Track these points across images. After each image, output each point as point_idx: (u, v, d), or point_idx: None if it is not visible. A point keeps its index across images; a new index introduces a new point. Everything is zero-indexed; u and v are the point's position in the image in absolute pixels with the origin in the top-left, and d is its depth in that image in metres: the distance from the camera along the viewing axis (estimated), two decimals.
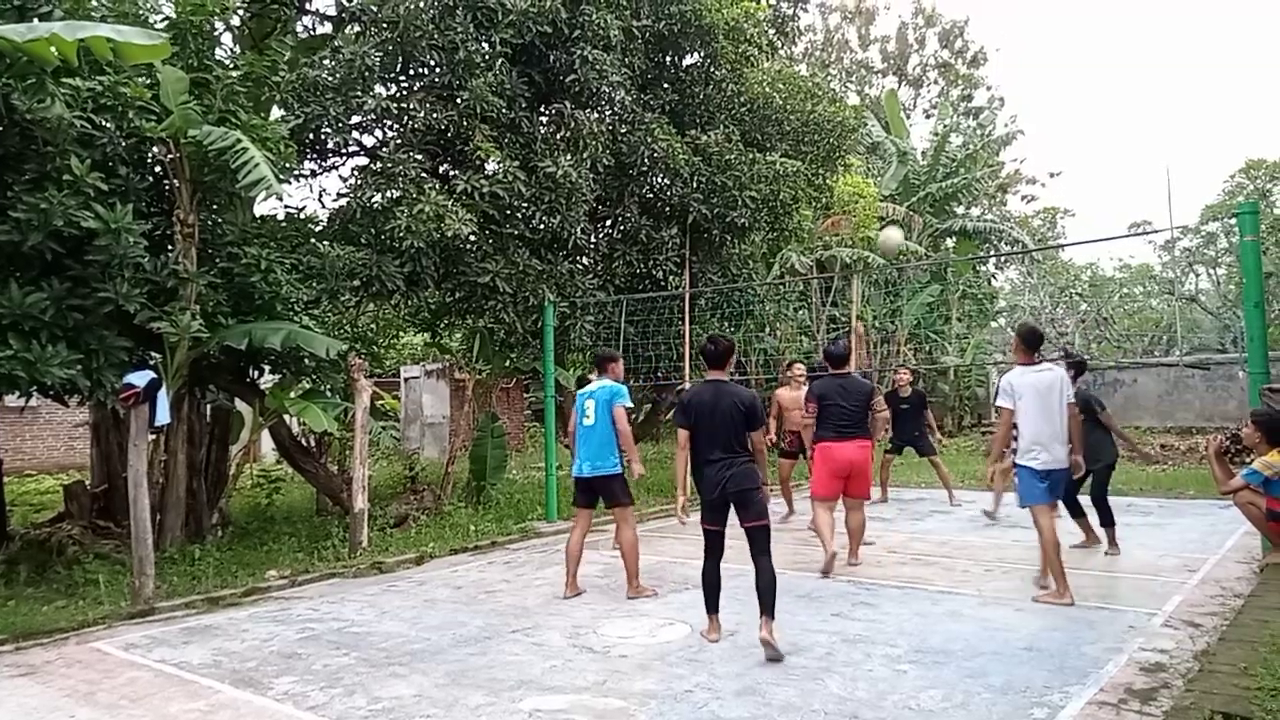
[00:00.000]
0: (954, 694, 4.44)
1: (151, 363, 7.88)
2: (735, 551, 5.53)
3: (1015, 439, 6.49)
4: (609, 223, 13.15)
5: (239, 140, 7.34)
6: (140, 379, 6.94)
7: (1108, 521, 7.93)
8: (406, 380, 20.32)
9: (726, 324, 14.95)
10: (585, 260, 12.75)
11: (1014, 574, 7.17)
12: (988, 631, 5.53)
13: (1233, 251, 23.39)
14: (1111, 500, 7.94)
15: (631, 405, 7.24)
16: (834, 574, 7.26)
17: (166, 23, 8.29)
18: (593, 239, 12.61)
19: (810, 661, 5.02)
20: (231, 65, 8.85)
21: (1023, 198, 34.18)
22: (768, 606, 5.12)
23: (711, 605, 5.50)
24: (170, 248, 7.87)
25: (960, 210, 25.06)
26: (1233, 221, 8.66)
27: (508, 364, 12.19)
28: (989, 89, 34.59)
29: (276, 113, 9.79)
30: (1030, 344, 6.52)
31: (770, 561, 5.25)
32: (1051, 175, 61.60)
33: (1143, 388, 18.54)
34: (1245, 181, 27.53)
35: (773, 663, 4.97)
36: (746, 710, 4.29)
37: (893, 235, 7.08)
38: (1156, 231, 24.64)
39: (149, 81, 7.71)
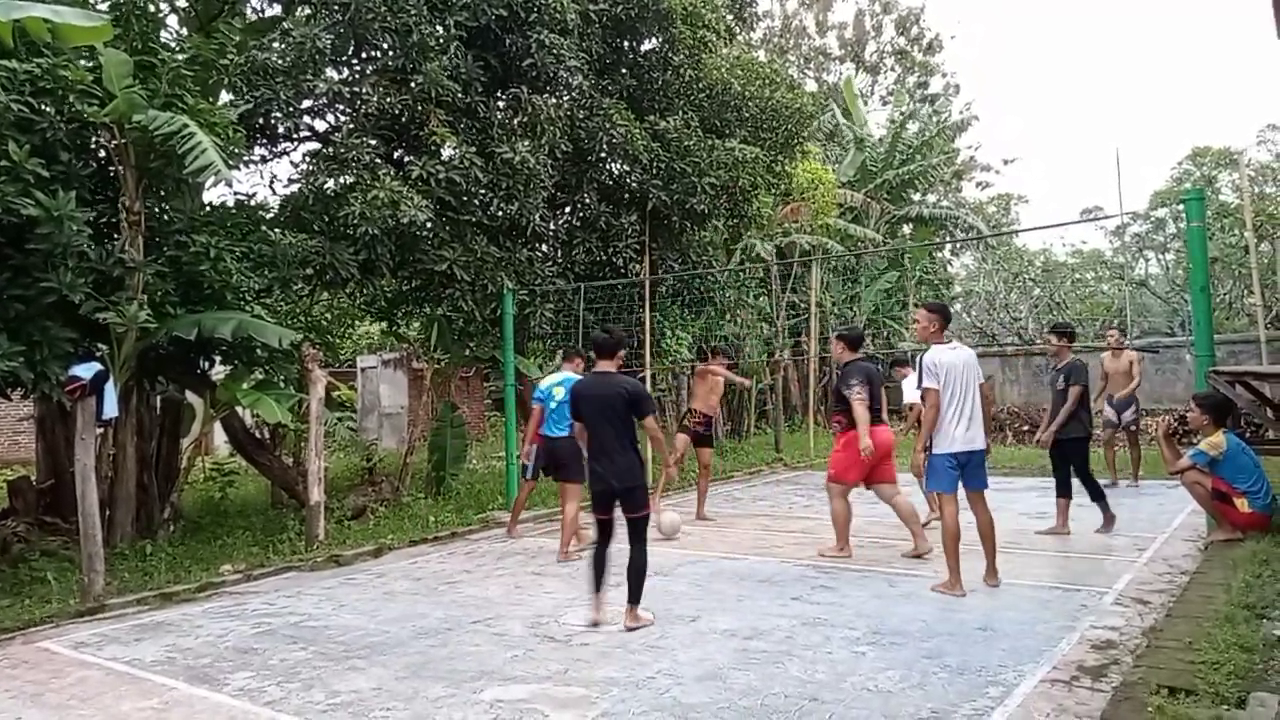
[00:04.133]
0: (911, 674, 4.50)
1: (98, 354, 7.65)
2: (695, 539, 5.57)
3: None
4: (568, 209, 13.07)
5: (186, 125, 7.14)
6: (86, 371, 6.75)
7: (1064, 494, 8.09)
8: (363, 370, 20.05)
9: (687, 311, 14.97)
10: (544, 247, 12.66)
11: (969, 556, 7.26)
12: (944, 613, 5.61)
13: (1180, 237, 23.93)
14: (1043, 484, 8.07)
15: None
16: (794, 559, 7.34)
17: (108, 4, 8.03)
18: (552, 226, 12.51)
19: (770, 645, 5.06)
20: (178, 48, 8.60)
21: (978, 184, 34.64)
22: (634, 594, 5.45)
23: (596, 584, 5.62)
24: (116, 236, 7.66)
25: (917, 197, 25.32)
26: (1180, 208, 8.84)
27: (467, 353, 12.08)
28: (944, 76, 34.97)
29: (225, 97, 9.54)
30: (947, 321, 6.49)
31: (644, 550, 5.50)
32: (1006, 162, 62.30)
33: (1094, 371, 18.86)
34: (1192, 169, 28.16)
35: (630, 632, 5.37)
36: (708, 695, 4.31)
37: (673, 519, 7.31)
38: (1107, 217, 25.13)
39: (91, 64, 7.47)
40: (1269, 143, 27.04)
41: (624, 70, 12.66)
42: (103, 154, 8.01)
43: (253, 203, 9.70)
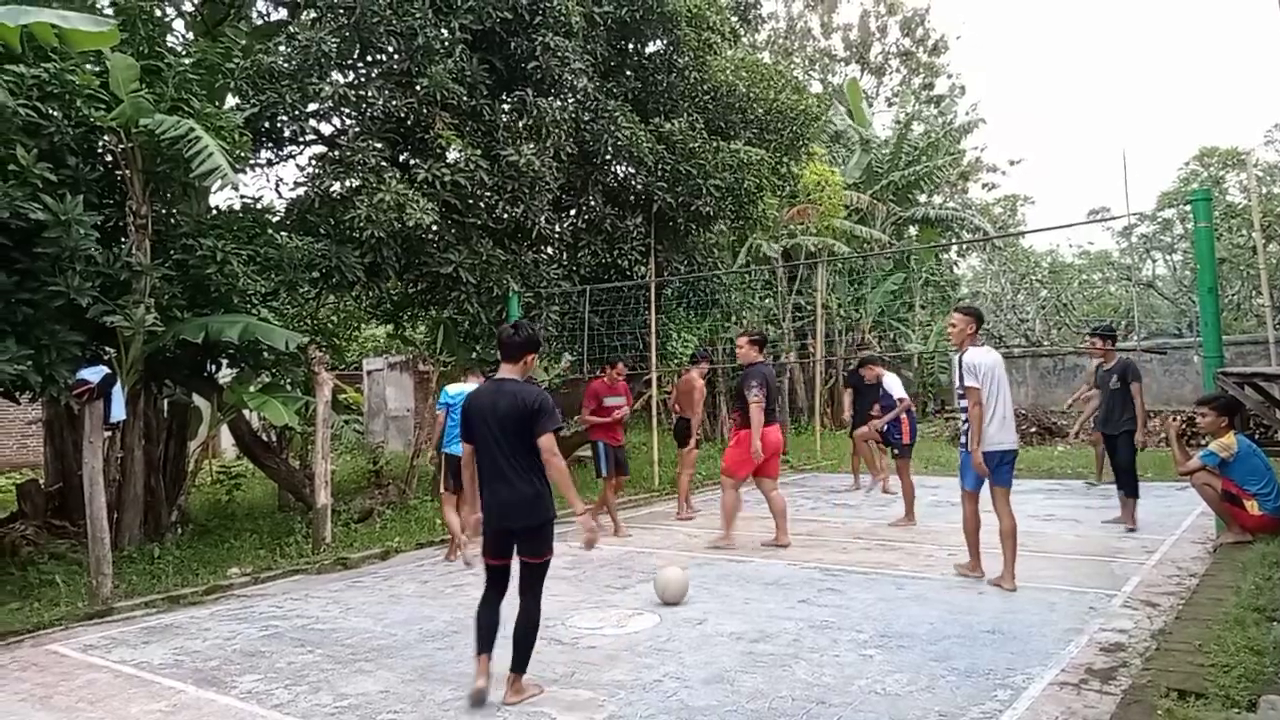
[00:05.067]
0: (919, 677, 4.48)
1: (106, 358, 7.69)
2: (700, 542, 5.54)
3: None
4: (573, 212, 13.08)
5: (192, 129, 7.16)
6: (94, 374, 6.78)
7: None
8: (369, 373, 20.08)
9: (693, 313, 14.95)
10: (549, 250, 12.67)
11: (985, 557, 7.25)
12: (952, 615, 5.59)
13: (1188, 238, 23.85)
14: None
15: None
16: (800, 561, 7.33)
17: (114, 8, 8.06)
18: (557, 228, 12.52)
19: (778, 648, 5.05)
20: (184, 52, 8.65)
21: (984, 185, 34.60)
22: (521, 659, 4.37)
23: (482, 644, 4.41)
24: (123, 240, 7.68)
25: (922, 198, 25.27)
26: (1188, 208, 8.82)
27: (473, 355, 12.08)
28: (950, 77, 34.89)
29: (231, 101, 9.59)
30: (981, 323, 6.64)
31: (536, 605, 4.39)
32: (1012, 163, 61.96)
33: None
34: (1199, 169, 28.03)
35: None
36: (715, 698, 4.30)
37: (676, 579, 7.32)
38: (1115, 218, 25.08)
39: (98, 69, 7.50)
40: (1277, 143, 26.89)
41: (629, 72, 12.67)
42: (110, 158, 8.04)
43: (259, 206, 9.71)
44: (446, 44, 10.17)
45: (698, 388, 10.12)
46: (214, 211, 9.20)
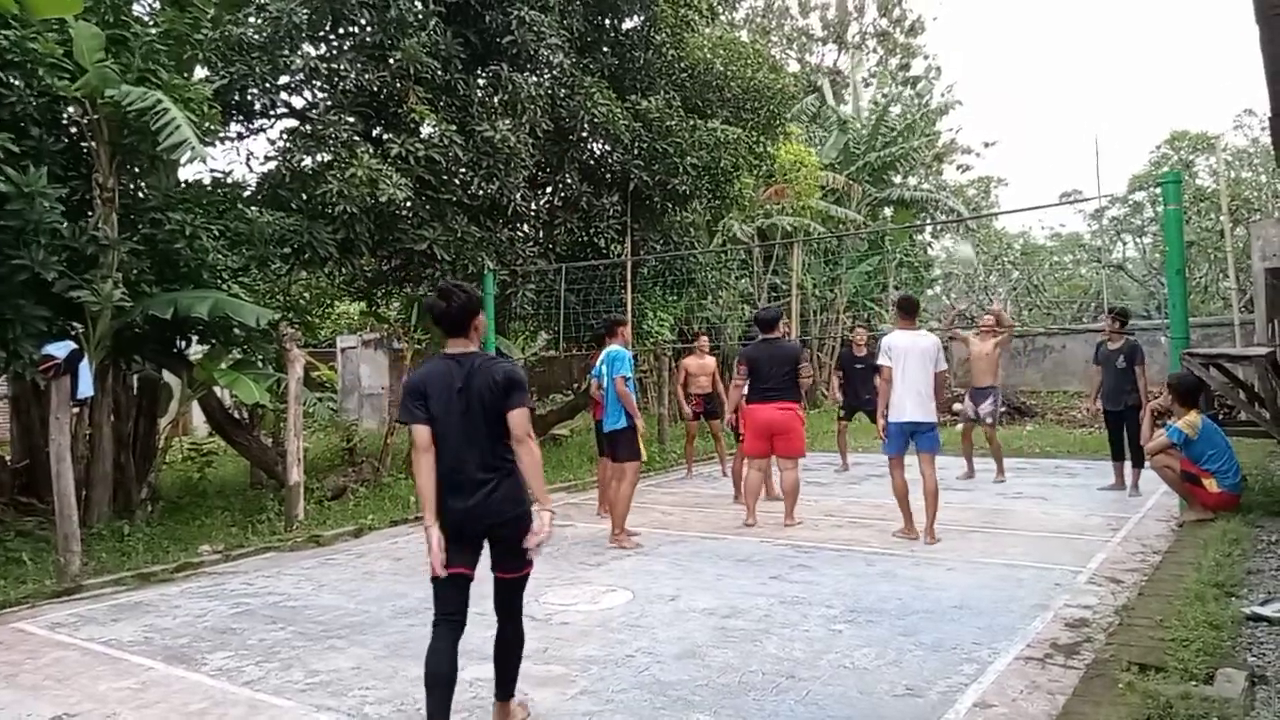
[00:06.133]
0: (887, 652, 4.55)
1: (72, 333, 7.58)
2: (675, 519, 5.57)
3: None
4: (549, 189, 13.01)
5: (159, 101, 7.02)
6: (60, 350, 6.67)
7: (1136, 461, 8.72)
8: (343, 350, 19.91)
9: (669, 292, 14.96)
10: (525, 227, 12.61)
11: (946, 534, 7.35)
12: (920, 591, 5.67)
13: (1158, 221, 24.13)
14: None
15: (628, 374, 7.56)
16: (773, 538, 7.39)
17: None
18: (533, 206, 12.46)
19: (749, 624, 5.10)
20: (151, 22, 8.45)
21: (958, 167, 34.70)
22: (506, 685, 3.75)
23: (439, 708, 3.50)
24: (89, 213, 7.54)
25: (898, 179, 25.35)
26: (1158, 191, 8.93)
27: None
28: (926, 58, 34.93)
29: (200, 73, 9.40)
30: (908, 312, 7.31)
31: (517, 627, 3.76)
32: (986, 145, 62.29)
33: (1071, 353, 19.09)
34: (1170, 153, 28.33)
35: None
36: (686, 673, 4.34)
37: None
38: (1086, 200, 25.35)
39: (61, 38, 7.33)
40: (1245, 127, 27.25)
41: (605, 49, 12.58)
42: (74, 130, 7.88)
43: (229, 180, 9.57)
44: (420, 16, 10.04)
45: (687, 370, 10.72)
46: (183, 185, 9.04)
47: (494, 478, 3.59)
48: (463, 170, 10.35)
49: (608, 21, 12.57)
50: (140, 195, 8.16)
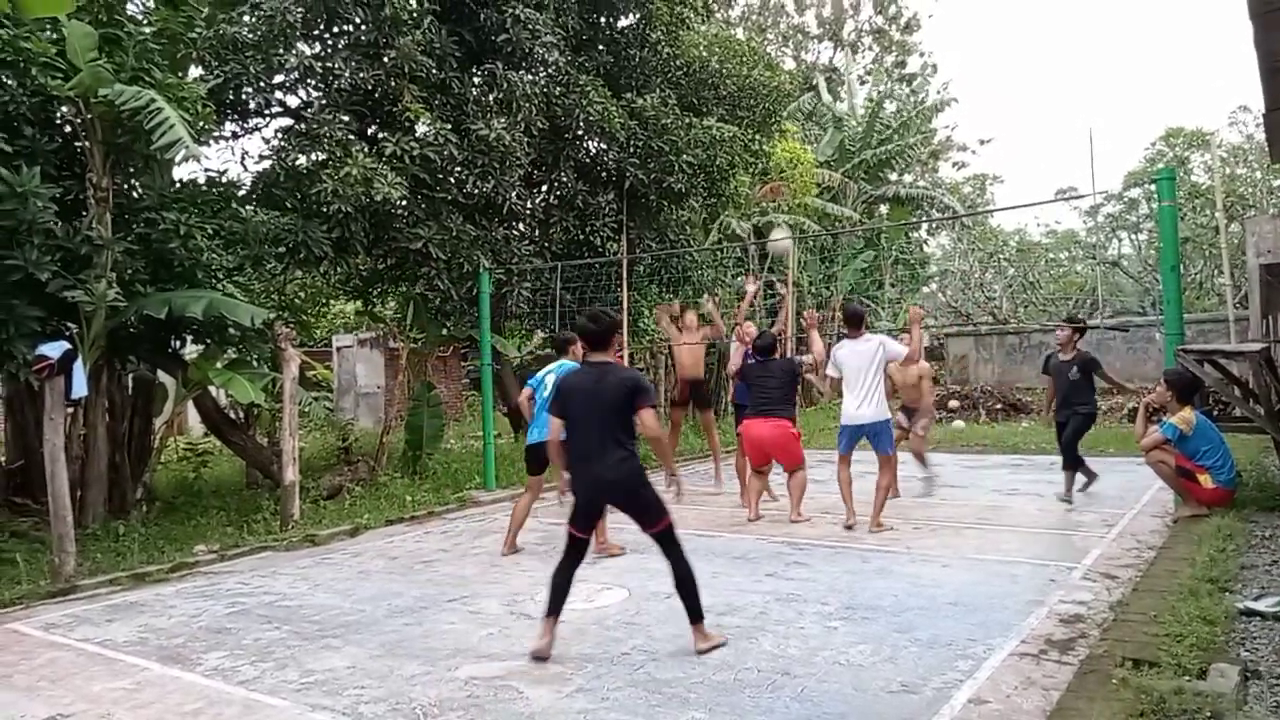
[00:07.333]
0: (882, 648, 4.56)
1: (66, 333, 7.54)
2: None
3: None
4: (544, 188, 12.98)
5: (153, 100, 7.00)
6: (54, 350, 6.66)
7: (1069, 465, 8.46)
8: (339, 350, 19.90)
9: (665, 290, 14.94)
10: (521, 226, 12.59)
11: (942, 531, 7.37)
12: (915, 588, 5.68)
13: (1153, 217, 24.17)
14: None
15: None
16: (769, 535, 7.41)
17: None
18: (528, 204, 12.43)
19: (744, 621, 5.10)
20: (144, 21, 8.43)
21: (954, 164, 34.77)
22: (692, 611, 4.61)
23: (552, 606, 4.65)
24: (83, 213, 7.53)
25: (893, 177, 25.37)
26: (1153, 188, 8.94)
27: (443, 332, 12.01)
28: (922, 55, 34.96)
29: (194, 72, 9.38)
30: (853, 323, 7.69)
31: (681, 562, 4.66)
32: (982, 142, 62.48)
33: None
34: (1165, 149, 28.37)
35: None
36: (682, 670, 4.34)
37: (783, 246, 7.93)
38: (1081, 197, 25.32)
39: (54, 37, 7.31)
40: (1240, 124, 27.31)
41: (601, 47, 12.56)
42: (68, 129, 7.85)
43: (224, 179, 9.54)
44: (415, 14, 10.01)
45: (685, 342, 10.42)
46: (177, 185, 9.02)
47: (617, 462, 4.53)
48: (458, 169, 10.33)
49: (603, 19, 12.55)
50: (134, 195, 8.14)
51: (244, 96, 10.05)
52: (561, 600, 4.65)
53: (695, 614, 4.61)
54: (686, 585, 4.62)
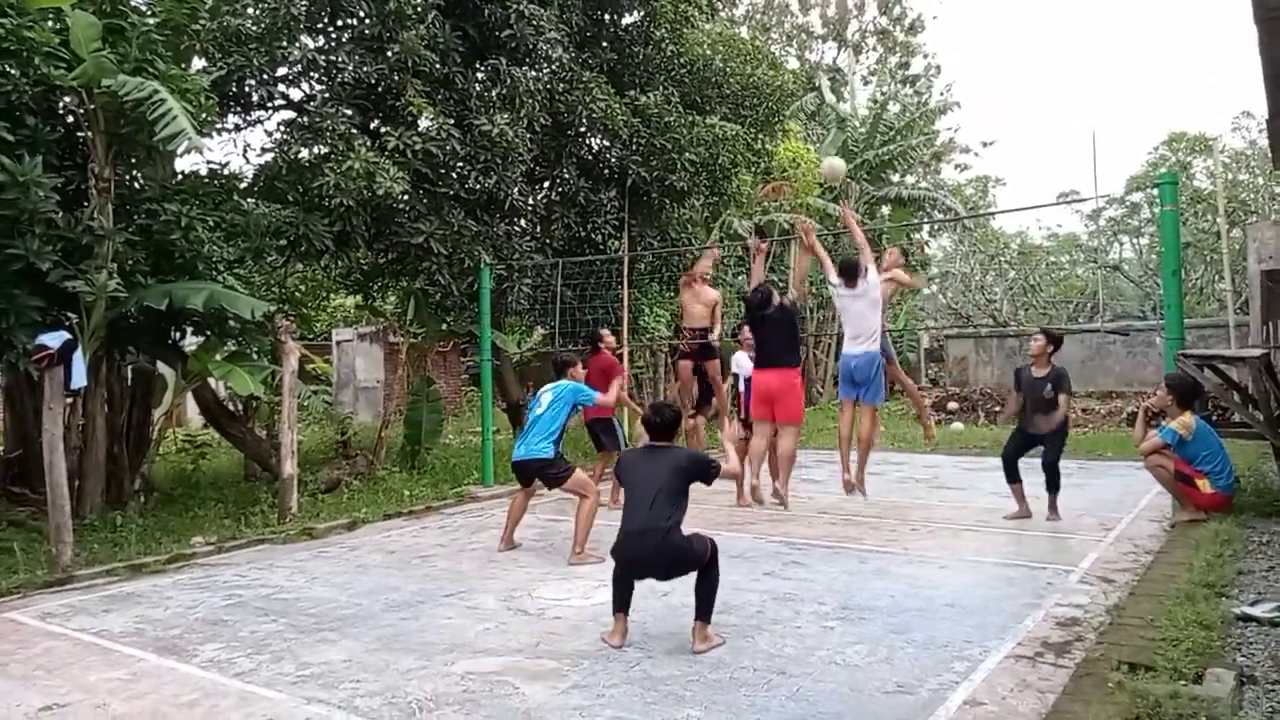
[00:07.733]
0: (878, 649, 4.56)
1: (66, 323, 7.55)
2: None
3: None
4: (546, 184, 12.97)
5: (156, 91, 6.99)
6: (54, 340, 6.65)
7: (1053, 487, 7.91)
8: (339, 343, 19.91)
9: (666, 288, 14.94)
10: (522, 222, 12.57)
11: (940, 533, 7.38)
12: (913, 589, 5.68)
13: (1155, 222, 24.16)
14: (1033, 462, 8.02)
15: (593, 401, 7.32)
16: (767, 535, 7.42)
17: None
18: (530, 200, 12.42)
19: (741, 620, 5.11)
20: (148, 12, 8.41)
21: (956, 166, 34.69)
22: (699, 608, 4.70)
23: (620, 602, 4.82)
24: (85, 203, 7.52)
25: (896, 178, 25.33)
26: (1155, 192, 8.93)
27: (443, 327, 12.01)
28: (926, 57, 34.91)
29: (197, 63, 9.37)
30: (848, 273, 7.77)
31: (704, 570, 4.71)
32: (984, 144, 62.44)
33: (1066, 353, 18.88)
34: (1168, 154, 28.36)
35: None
36: (678, 668, 4.34)
37: (837, 165, 7.69)
38: (1083, 200, 25.36)
39: (57, 27, 7.30)
40: (1243, 129, 27.29)
41: (604, 44, 12.55)
42: (70, 119, 7.85)
43: (226, 172, 9.55)
44: (418, 9, 10.00)
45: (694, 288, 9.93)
46: (179, 176, 9.03)
47: (653, 533, 4.65)
48: (460, 164, 10.32)
49: (607, 16, 12.54)
50: (136, 186, 8.14)
51: (247, 89, 10.04)
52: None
53: (703, 612, 4.66)
54: (710, 584, 4.68)
